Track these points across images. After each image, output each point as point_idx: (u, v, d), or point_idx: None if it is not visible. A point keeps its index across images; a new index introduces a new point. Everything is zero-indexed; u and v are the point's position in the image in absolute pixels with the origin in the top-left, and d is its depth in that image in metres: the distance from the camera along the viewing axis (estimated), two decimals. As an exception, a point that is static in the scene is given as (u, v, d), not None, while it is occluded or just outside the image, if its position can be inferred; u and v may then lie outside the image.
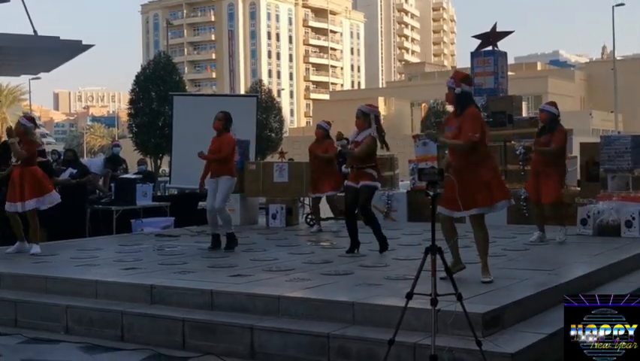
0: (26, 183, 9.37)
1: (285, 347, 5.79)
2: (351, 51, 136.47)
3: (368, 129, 8.84)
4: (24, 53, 25.69)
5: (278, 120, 46.38)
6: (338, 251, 9.29)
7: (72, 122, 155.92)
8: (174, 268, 7.96)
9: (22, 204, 9.38)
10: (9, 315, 7.20)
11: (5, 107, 62.85)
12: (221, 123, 9.72)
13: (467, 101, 6.87)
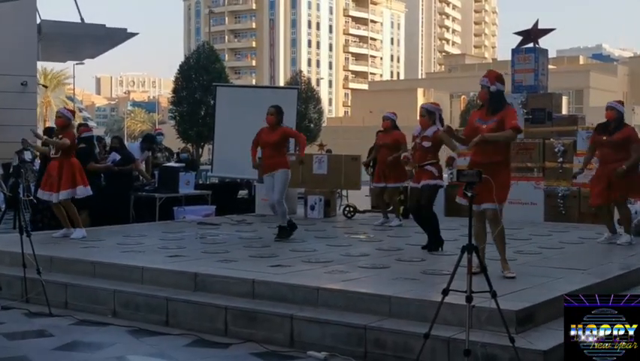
0: (64, 175, 9.68)
1: (322, 336, 5.99)
2: (391, 41, 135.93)
3: (434, 126, 8.88)
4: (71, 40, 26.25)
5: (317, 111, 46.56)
6: (375, 244, 9.48)
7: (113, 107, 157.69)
8: (217, 257, 8.21)
9: (54, 195, 9.70)
10: (60, 297, 7.50)
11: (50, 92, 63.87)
12: (274, 117, 9.89)
13: (501, 100, 7.03)
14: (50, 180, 9.75)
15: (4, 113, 22.36)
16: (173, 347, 6.16)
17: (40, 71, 49.95)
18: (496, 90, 6.99)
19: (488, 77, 7.03)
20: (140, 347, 6.19)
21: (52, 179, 9.71)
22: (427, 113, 9.00)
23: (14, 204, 8.35)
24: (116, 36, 26.45)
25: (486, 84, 7.00)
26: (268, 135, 9.87)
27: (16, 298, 7.77)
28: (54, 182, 9.69)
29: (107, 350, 6.11)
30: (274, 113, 9.90)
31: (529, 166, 13.03)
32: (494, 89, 6.98)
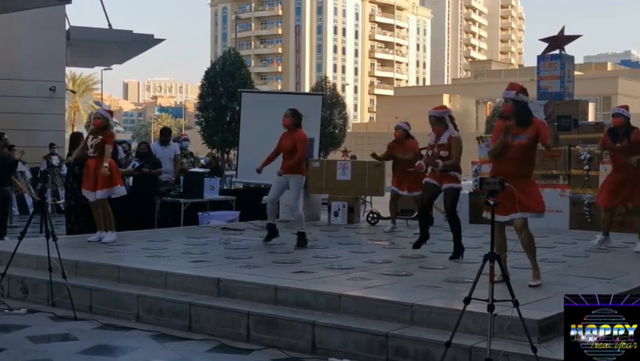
0: (100, 175, 9.80)
1: (344, 343, 6.00)
2: (417, 47, 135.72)
3: (447, 131, 8.85)
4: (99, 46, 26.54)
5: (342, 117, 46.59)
6: (398, 251, 9.47)
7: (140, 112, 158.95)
8: (240, 262, 8.25)
9: (92, 193, 9.83)
10: (85, 301, 7.58)
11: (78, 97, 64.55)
12: (290, 120, 9.89)
13: (528, 111, 6.99)
14: (89, 180, 9.89)
15: (33, 118, 22.63)
16: (195, 352, 6.20)
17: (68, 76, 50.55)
18: (523, 102, 6.95)
19: (513, 89, 6.99)
20: (162, 352, 6.23)
21: (91, 178, 9.86)
22: (437, 120, 8.94)
23: (41, 208, 8.45)
24: (143, 42, 26.69)
25: (512, 97, 6.95)
26: (285, 140, 9.91)
27: (42, 301, 7.86)
28: (92, 181, 9.84)
29: (130, 354, 6.16)
30: (289, 116, 9.91)
31: (554, 173, 12.95)
32: (519, 99, 6.94)
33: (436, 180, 8.82)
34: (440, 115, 9.00)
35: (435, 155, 8.81)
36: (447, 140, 8.78)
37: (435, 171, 8.85)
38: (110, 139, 9.97)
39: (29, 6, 20.14)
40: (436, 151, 8.82)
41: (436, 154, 8.80)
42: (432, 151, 8.90)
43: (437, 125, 8.90)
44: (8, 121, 20.67)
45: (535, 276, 6.92)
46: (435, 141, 8.89)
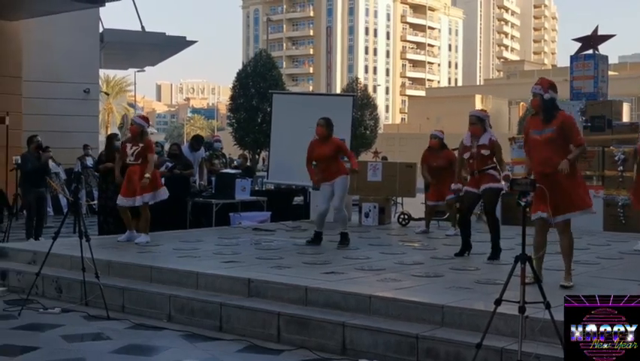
0: None
1: (374, 345, 6.00)
2: (448, 47, 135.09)
3: (486, 133, 8.83)
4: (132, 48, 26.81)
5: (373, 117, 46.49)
6: (429, 253, 9.44)
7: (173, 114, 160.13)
8: (271, 263, 8.28)
9: (138, 198, 9.92)
10: (117, 301, 7.66)
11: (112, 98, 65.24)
12: (324, 130, 9.96)
13: (555, 107, 6.93)
14: (131, 186, 9.96)
15: (68, 120, 22.90)
16: (226, 352, 6.23)
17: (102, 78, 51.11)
18: (550, 98, 6.89)
19: (541, 85, 6.94)
20: (193, 352, 6.28)
21: (134, 185, 9.93)
22: (478, 120, 8.92)
23: (75, 209, 8.55)
24: (176, 44, 26.91)
25: (539, 92, 6.90)
26: (321, 148, 9.94)
27: (75, 301, 7.96)
28: (135, 188, 9.91)
29: (162, 354, 6.22)
30: (324, 125, 9.96)
31: (587, 174, 12.81)
32: (548, 96, 6.88)
33: (474, 187, 8.79)
34: (483, 117, 9.01)
35: (475, 154, 8.78)
36: (488, 141, 8.76)
37: (474, 175, 8.81)
38: (152, 148, 10.10)
39: (64, 9, 20.38)
40: (476, 151, 8.79)
41: (477, 153, 8.77)
42: (470, 152, 8.85)
43: (477, 124, 8.88)
44: (43, 122, 20.94)
45: (568, 278, 6.86)
46: (472, 142, 8.84)
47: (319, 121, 10.04)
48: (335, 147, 9.94)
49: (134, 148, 10.03)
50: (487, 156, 8.76)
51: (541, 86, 6.92)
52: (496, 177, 8.75)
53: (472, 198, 8.88)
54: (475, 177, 8.80)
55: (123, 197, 10.03)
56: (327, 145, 9.92)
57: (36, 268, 8.22)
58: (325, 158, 9.94)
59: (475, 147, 8.81)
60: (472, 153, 8.84)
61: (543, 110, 6.91)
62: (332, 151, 9.91)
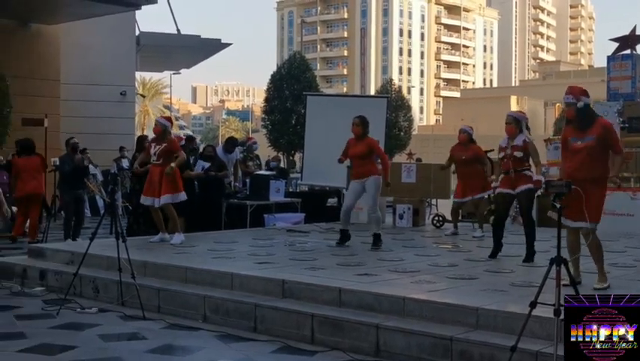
0: (164, 180, 9.98)
1: (408, 347, 5.98)
2: (483, 48, 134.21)
3: (521, 134, 8.78)
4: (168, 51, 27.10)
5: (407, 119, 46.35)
6: (464, 255, 9.39)
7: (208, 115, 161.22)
8: (305, 264, 8.30)
9: (157, 199, 10.02)
10: (153, 301, 7.73)
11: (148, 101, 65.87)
12: (360, 129, 9.99)
13: (591, 113, 6.85)
14: (152, 186, 10.07)
15: (104, 122, 23.19)
16: (260, 353, 6.27)
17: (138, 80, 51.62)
18: (584, 105, 6.79)
19: (572, 94, 6.81)
20: (228, 352, 6.32)
21: (154, 185, 10.03)
22: (514, 120, 8.85)
23: (111, 210, 8.66)
24: (211, 46, 27.14)
25: (572, 101, 6.79)
26: (356, 146, 9.95)
27: (112, 301, 8.06)
28: (155, 187, 10.01)
29: (196, 354, 6.27)
30: (360, 125, 9.99)
31: (625, 176, 12.65)
32: (581, 104, 6.77)
33: (509, 187, 8.72)
34: (520, 118, 8.96)
35: (509, 155, 8.73)
36: (521, 142, 8.70)
37: (509, 175, 8.73)
38: (176, 145, 10.17)
39: (101, 12, 20.66)
40: (510, 152, 8.74)
41: (510, 155, 8.72)
42: (504, 153, 8.81)
43: (512, 124, 8.81)
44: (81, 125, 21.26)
45: (601, 280, 6.78)
46: (507, 143, 8.80)
47: (355, 120, 10.06)
48: (369, 147, 9.94)
49: (157, 147, 10.13)
50: (521, 158, 8.70)
51: (572, 95, 6.79)
52: (533, 177, 8.68)
53: (506, 200, 8.82)
54: (511, 177, 8.73)
55: (145, 196, 10.16)
56: (361, 144, 9.93)
57: (74, 268, 8.33)
58: (358, 156, 9.95)
59: (510, 148, 8.76)
60: (506, 153, 8.80)
61: (580, 119, 6.81)
62: (366, 150, 9.92)
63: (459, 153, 11.72)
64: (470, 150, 11.60)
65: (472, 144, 11.72)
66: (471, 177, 11.45)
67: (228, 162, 14.22)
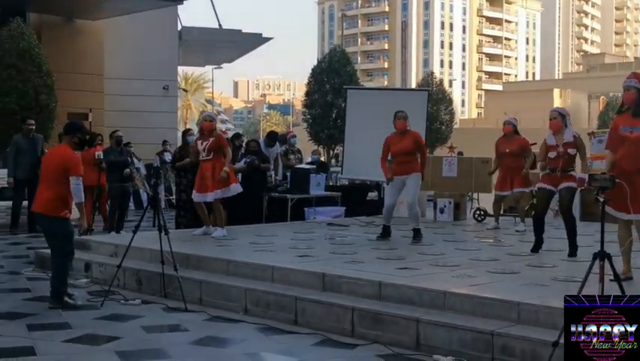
0: (216, 175, 10.07)
1: (449, 341, 5.96)
2: (526, 41, 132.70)
3: (567, 129, 8.66)
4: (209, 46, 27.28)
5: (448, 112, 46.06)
6: (505, 249, 9.32)
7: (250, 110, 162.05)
8: (345, 258, 8.32)
9: (210, 194, 10.11)
10: (195, 294, 7.81)
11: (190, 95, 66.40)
12: (405, 123, 9.98)
13: None
14: (204, 182, 10.16)
15: (148, 116, 23.45)
16: (300, 345, 6.30)
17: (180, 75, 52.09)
18: None
19: (637, 78, 6.71)
20: (269, 345, 6.37)
21: (206, 180, 10.13)
22: (560, 115, 8.74)
23: (154, 203, 8.76)
24: (252, 41, 27.26)
25: (635, 85, 6.67)
26: (400, 142, 9.90)
27: (155, 293, 8.16)
28: (207, 183, 10.10)
29: (237, 346, 6.32)
30: (405, 118, 9.96)
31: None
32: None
33: (552, 184, 8.64)
34: (564, 113, 8.84)
35: (562, 153, 8.60)
36: (572, 138, 8.60)
37: (555, 173, 8.63)
38: (224, 141, 10.26)
39: (143, 8, 20.89)
40: (563, 150, 8.61)
41: (564, 153, 8.60)
42: (556, 152, 8.65)
43: (558, 119, 8.69)
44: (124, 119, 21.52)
45: None
46: (557, 141, 8.68)
47: (399, 114, 10.01)
48: (414, 141, 9.93)
49: (204, 143, 10.21)
50: (574, 156, 8.60)
51: (636, 79, 6.68)
52: (576, 177, 8.58)
53: (547, 196, 8.73)
54: (556, 175, 8.62)
55: (197, 193, 10.24)
56: (406, 138, 9.90)
57: (117, 260, 8.45)
58: (404, 152, 9.91)
59: (562, 146, 8.61)
60: (558, 152, 8.63)
61: (637, 105, 6.68)
62: (412, 144, 9.91)
63: (503, 145, 11.62)
64: (515, 143, 11.50)
65: (517, 136, 11.63)
66: (514, 170, 11.36)
67: (269, 155, 14.32)
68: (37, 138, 14.05)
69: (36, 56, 17.06)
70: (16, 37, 16.96)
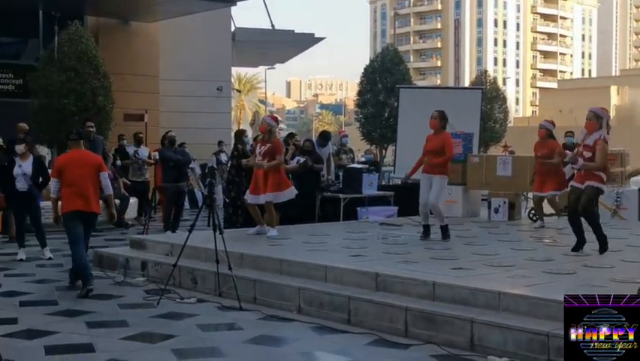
0: (270, 178, 10.16)
1: (504, 342, 5.91)
2: (582, 37, 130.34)
3: (598, 132, 8.56)
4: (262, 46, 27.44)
5: (502, 111, 45.48)
6: (561, 249, 9.19)
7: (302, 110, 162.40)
8: (398, 258, 8.30)
9: (262, 196, 10.20)
10: (249, 292, 7.88)
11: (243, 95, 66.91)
12: (438, 122, 10.00)
13: None
14: (257, 185, 10.27)
15: (202, 117, 23.69)
16: (354, 345, 6.31)
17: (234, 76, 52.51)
18: None
19: None
20: (322, 344, 6.40)
21: (259, 183, 10.23)
22: (595, 116, 8.59)
23: (209, 203, 8.87)
24: (304, 41, 27.33)
25: None
26: (432, 142, 10.00)
27: (210, 291, 8.26)
28: (260, 186, 10.20)
29: (291, 345, 6.37)
30: (437, 118, 10.03)
31: None
32: None
33: (579, 182, 8.62)
34: (601, 114, 8.68)
35: (580, 153, 8.59)
36: (593, 142, 8.48)
37: (580, 171, 8.55)
38: (280, 149, 10.31)
39: (198, 9, 21.12)
40: (581, 150, 8.60)
41: (580, 153, 8.58)
42: (578, 150, 8.67)
43: (593, 120, 8.59)
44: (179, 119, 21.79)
45: None
46: (582, 140, 8.62)
47: (433, 113, 10.10)
48: (442, 142, 9.96)
49: (262, 148, 10.33)
50: (590, 158, 8.49)
51: None
52: (602, 178, 8.50)
53: (576, 194, 8.65)
54: (581, 173, 8.56)
55: (250, 194, 10.36)
56: (437, 138, 9.95)
57: (173, 259, 8.58)
58: (432, 151, 9.96)
59: (582, 147, 8.61)
60: (578, 150, 8.68)
61: None
62: (440, 145, 9.94)
63: (537, 148, 11.78)
64: (546, 147, 11.57)
65: (549, 140, 11.67)
66: (546, 173, 11.50)
67: (322, 155, 14.37)
68: (97, 140, 14.34)
69: (93, 59, 17.39)
70: (75, 40, 17.31)
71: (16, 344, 6.25)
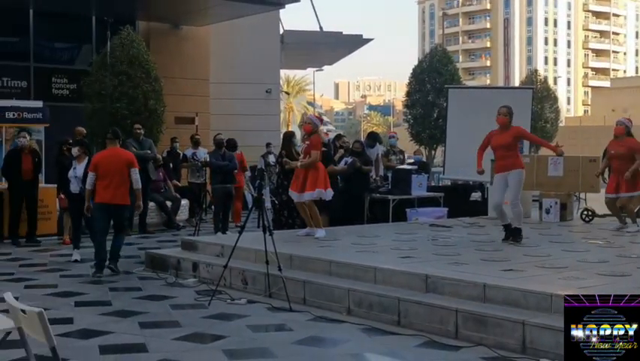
0: (309, 177, 10.24)
1: (556, 344, 5.82)
2: (635, 35, 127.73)
3: None
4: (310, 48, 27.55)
5: (553, 110, 44.88)
6: (615, 250, 9.04)
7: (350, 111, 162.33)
8: (448, 259, 8.26)
9: (301, 195, 10.29)
10: (299, 293, 7.92)
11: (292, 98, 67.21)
12: (507, 118, 9.78)
13: None
14: (297, 182, 10.40)
15: (251, 119, 23.87)
16: (404, 347, 6.30)
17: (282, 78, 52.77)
18: None
19: None
20: (372, 346, 6.40)
21: (299, 180, 10.35)
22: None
23: (258, 204, 8.94)
24: (352, 42, 27.35)
25: None
26: (500, 137, 9.75)
27: (260, 292, 8.32)
28: (300, 183, 10.30)
29: (341, 346, 6.37)
30: (506, 114, 9.77)
31: None
32: None
33: None
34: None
35: None
36: None
37: None
38: (316, 145, 10.32)
39: (247, 12, 21.27)
40: None
41: None
42: None
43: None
44: (229, 122, 21.99)
45: None
46: None
47: (501, 109, 9.81)
48: (514, 135, 9.73)
49: (303, 146, 10.45)
50: None
51: None
52: None
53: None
54: None
55: (291, 190, 10.57)
56: (506, 133, 9.73)
57: (224, 260, 8.67)
58: (503, 146, 9.73)
59: None
60: None
61: None
62: (511, 139, 9.70)
63: (611, 146, 11.33)
64: (623, 145, 11.14)
65: (628, 138, 11.23)
66: (622, 173, 11.04)
67: (370, 156, 14.37)
68: (145, 142, 14.56)
69: (145, 63, 17.65)
70: (127, 45, 17.59)
71: (72, 343, 6.39)
